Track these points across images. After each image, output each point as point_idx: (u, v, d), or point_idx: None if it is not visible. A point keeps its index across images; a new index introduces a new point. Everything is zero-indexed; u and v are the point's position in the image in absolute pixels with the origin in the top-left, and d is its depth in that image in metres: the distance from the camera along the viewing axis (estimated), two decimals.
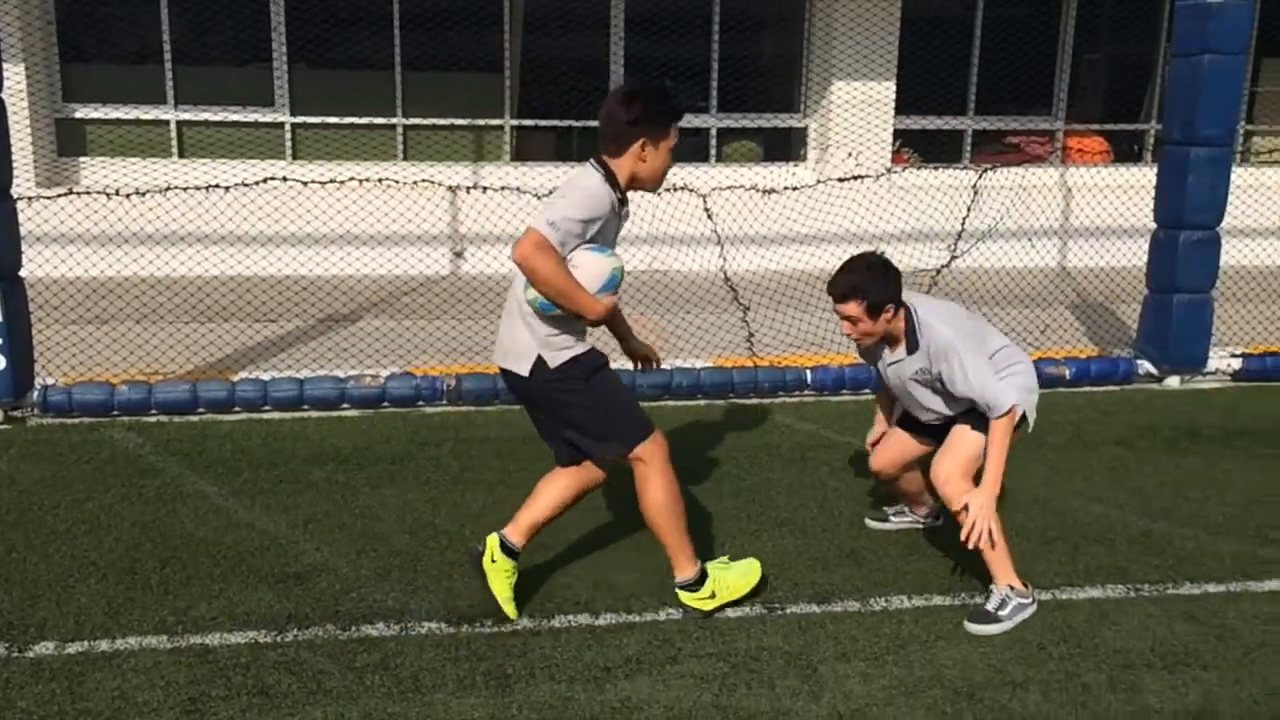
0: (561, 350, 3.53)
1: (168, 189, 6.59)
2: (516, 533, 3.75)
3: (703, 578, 3.76)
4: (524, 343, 3.53)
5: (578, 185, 3.46)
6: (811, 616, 3.79)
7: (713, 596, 3.76)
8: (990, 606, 3.74)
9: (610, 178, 3.51)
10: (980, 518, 3.63)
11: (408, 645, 3.54)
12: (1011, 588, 3.75)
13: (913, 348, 3.83)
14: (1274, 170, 11.10)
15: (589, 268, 3.40)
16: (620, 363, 4.15)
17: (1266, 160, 11.23)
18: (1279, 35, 11.40)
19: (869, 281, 3.73)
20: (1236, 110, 6.56)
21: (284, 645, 3.52)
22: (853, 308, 3.76)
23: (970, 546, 3.67)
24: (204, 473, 5.05)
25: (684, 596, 3.76)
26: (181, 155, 9.95)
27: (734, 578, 3.82)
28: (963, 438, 3.85)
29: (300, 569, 4.07)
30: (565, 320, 3.50)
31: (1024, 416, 3.83)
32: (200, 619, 3.67)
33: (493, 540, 3.70)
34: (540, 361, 3.51)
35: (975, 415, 3.80)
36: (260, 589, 3.90)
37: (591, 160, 3.56)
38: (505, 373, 3.65)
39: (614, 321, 3.95)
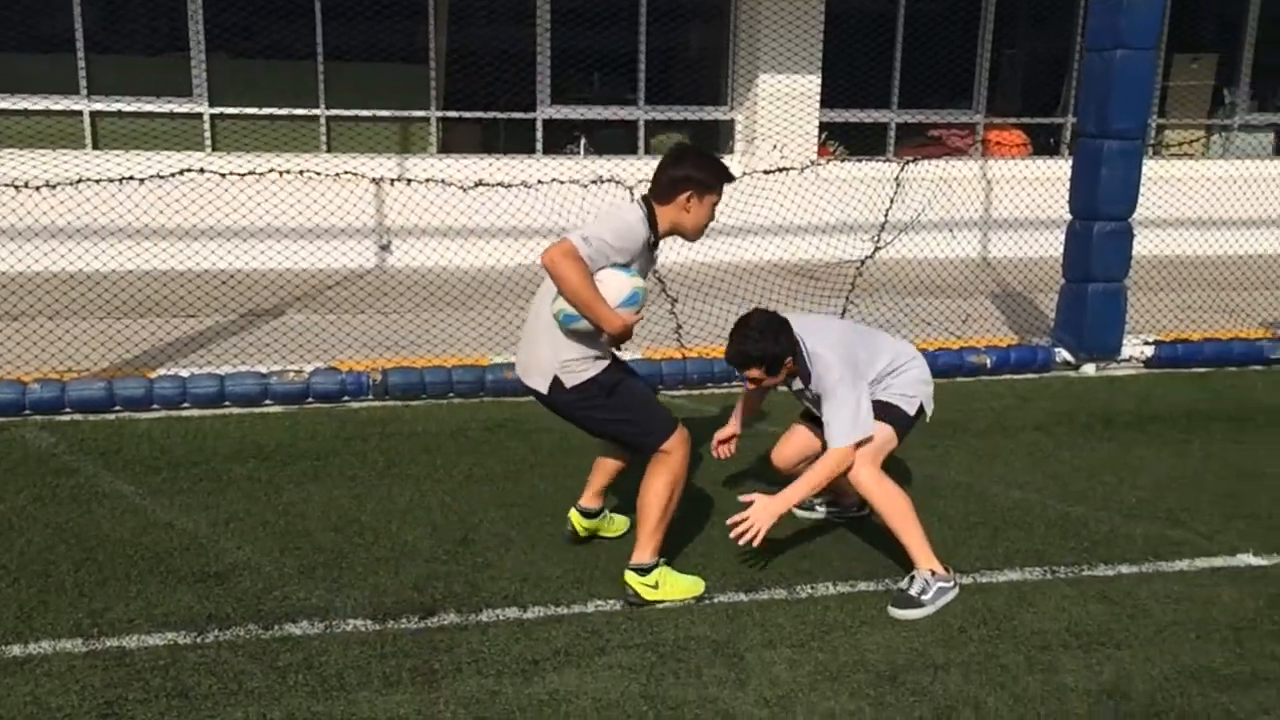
0: (579, 373, 3.69)
1: (80, 181, 6.40)
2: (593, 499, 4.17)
3: (654, 568, 3.84)
4: (544, 361, 3.70)
5: (619, 214, 3.67)
6: (739, 605, 3.82)
7: (655, 587, 3.82)
8: (913, 591, 3.81)
9: (651, 218, 3.73)
10: (756, 518, 3.74)
11: (332, 643, 3.50)
12: (933, 572, 3.84)
13: (806, 378, 4.06)
14: (1184, 162, 11.44)
15: (612, 283, 3.57)
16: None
17: (1177, 153, 11.57)
18: (1189, 31, 11.74)
19: (763, 348, 3.94)
20: (1148, 104, 6.75)
21: (204, 646, 3.45)
22: (755, 373, 4.00)
23: (738, 541, 3.76)
24: (121, 472, 4.92)
25: (631, 577, 3.82)
26: (95, 147, 9.67)
27: (680, 582, 3.89)
28: None
29: (221, 568, 3.99)
30: (586, 338, 3.66)
31: (921, 407, 4.17)
32: (117, 621, 3.59)
33: (575, 517, 4.15)
34: (557, 382, 3.69)
35: (878, 407, 4.01)
36: (179, 589, 3.82)
37: (640, 198, 3.80)
38: (524, 385, 3.86)
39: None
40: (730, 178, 3.83)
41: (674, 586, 3.86)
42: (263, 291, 8.07)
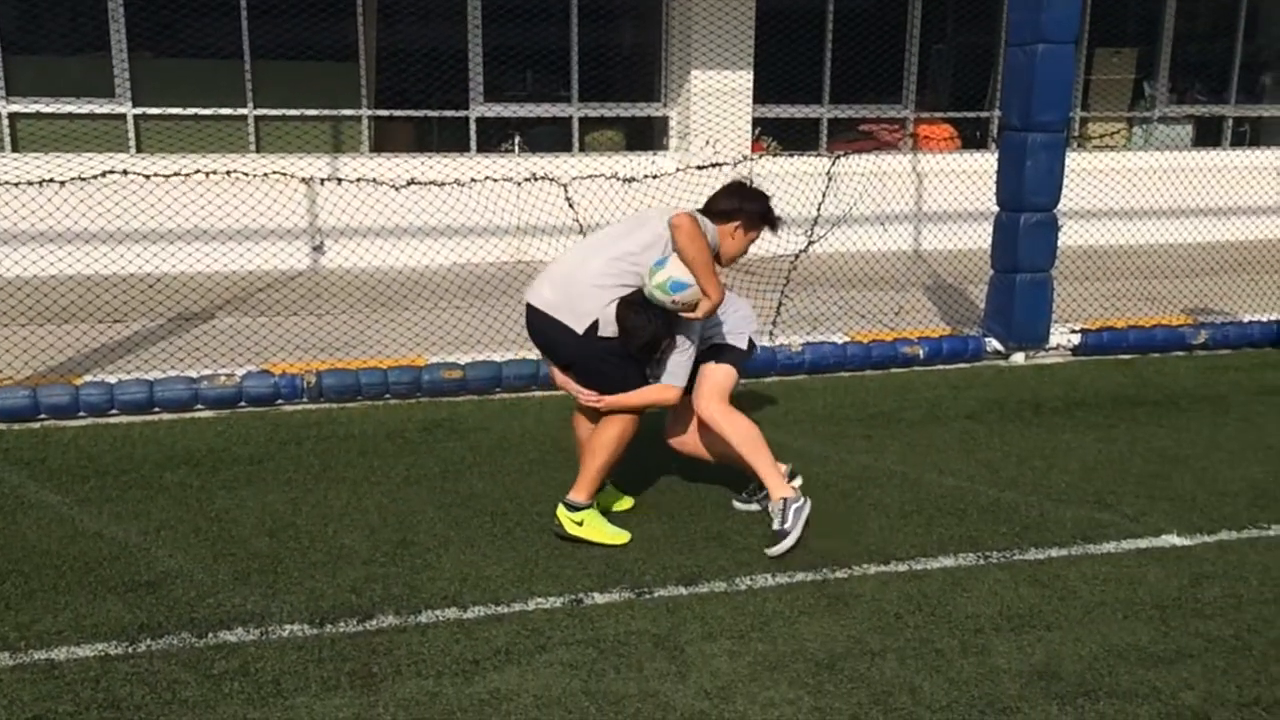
0: (610, 325, 4.08)
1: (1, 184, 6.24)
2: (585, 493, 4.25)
3: (585, 509, 4.19)
4: (588, 306, 4.05)
5: (705, 220, 4.19)
6: (679, 599, 3.84)
7: (580, 525, 4.17)
8: (776, 526, 4.16)
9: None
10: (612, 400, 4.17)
11: (268, 649, 3.45)
12: (785, 498, 4.19)
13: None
14: (1107, 155, 11.72)
15: (681, 266, 4.02)
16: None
17: (1100, 145, 11.85)
18: (1110, 26, 12.03)
19: None
20: (1069, 97, 6.89)
21: (136, 656, 3.39)
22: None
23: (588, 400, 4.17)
24: (46, 481, 4.81)
25: (561, 512, 4.19)
26: (15, 149, 9.43)
27: (604, 527, 4.22)
28: (706, 373, 4.39)
29: (152, 577, 3.92)
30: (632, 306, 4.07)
31: (751, 341, 4.55)
32: (45, 633, 3.50)
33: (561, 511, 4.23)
34: (594, 326, 4.06)
35: (713, 351, 4.41)
36: (109, 599, 3.74)
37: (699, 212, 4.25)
38: (543, 320, 4.11)
39: None
40: (773, 222, 4.37)
41: (598, 531, 4.19)
42: (192, 295, 7.92)
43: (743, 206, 4.28)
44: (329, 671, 3.33)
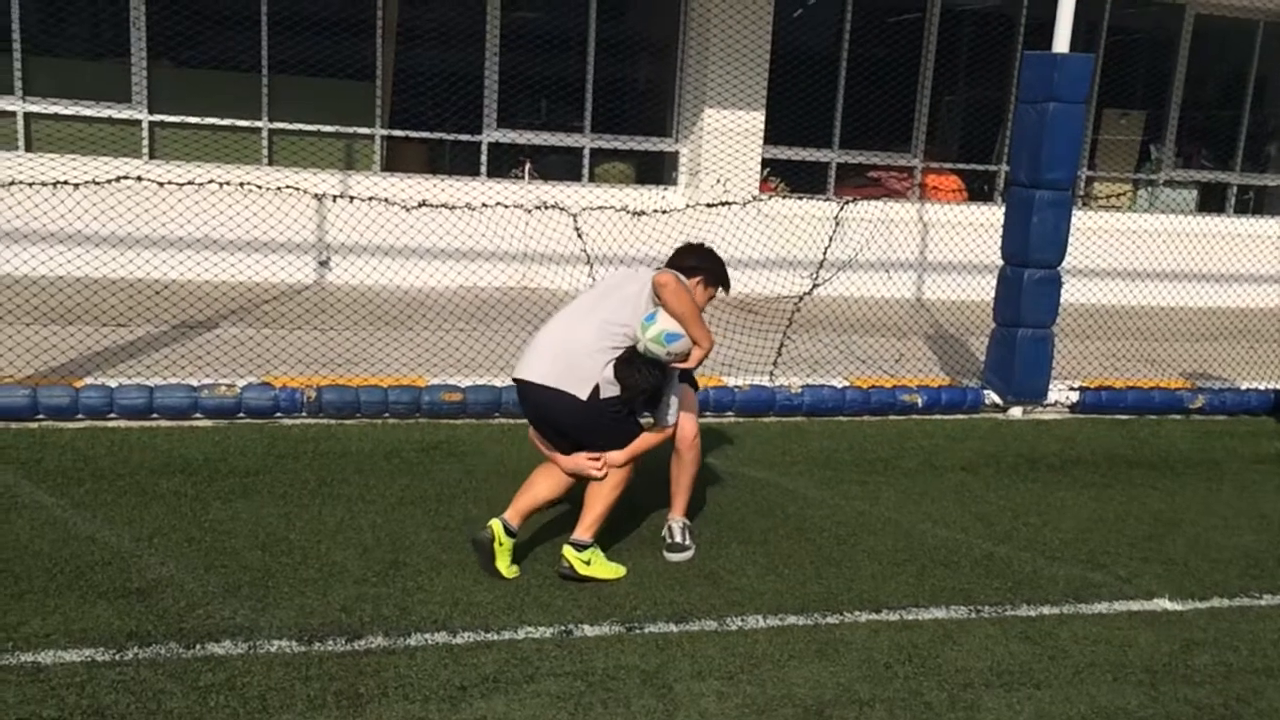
0: (610, 386, 4.20)
1: (12, 184, 6.25)
2: (516, 516, 4.27)
3: (590, 548, 4.26)
4: (588, 371, 4.17)
5: (679, 276, 4.35)
6: (669, 636, 3.84)
7: (588, 564, 4.23)
8: (679, 539, 4.53)
9: None
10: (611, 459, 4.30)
11: (256, 664, 3.44)
12: (688, 517, 4.65)
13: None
14: (1112, 215, 11.80)
15: (669, 318, 4.25)
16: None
17: (1105, 205, 11.93)
18: (1119, 88, 12.15)
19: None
20: (1077, 156, 6.96)
21: (123, 664, 3.37)
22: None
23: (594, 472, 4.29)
24: (42, 482, 4.80)
25: (569, 551, 4.22)
26: (29, 149, 9.45)
27: (606, 565, 4.31)
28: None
29: (143, 584, 3.91)
30: (621, 364, 4.23)
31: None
32: (33, 636, 3.49)
33: (497, 525, 4.19)
34: (597, 390, 4.18)
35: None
36: (99, 605, 3.73)
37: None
38: (544, 394, 4.21)
39: None
40: (727, 286, 4.66)
41: (602, 567, 4.28)
42: (197, 303, 7.93)
43: (703, 265, 4.54)
44: (315, 690, 3.32)
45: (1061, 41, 6.68)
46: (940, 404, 6.94)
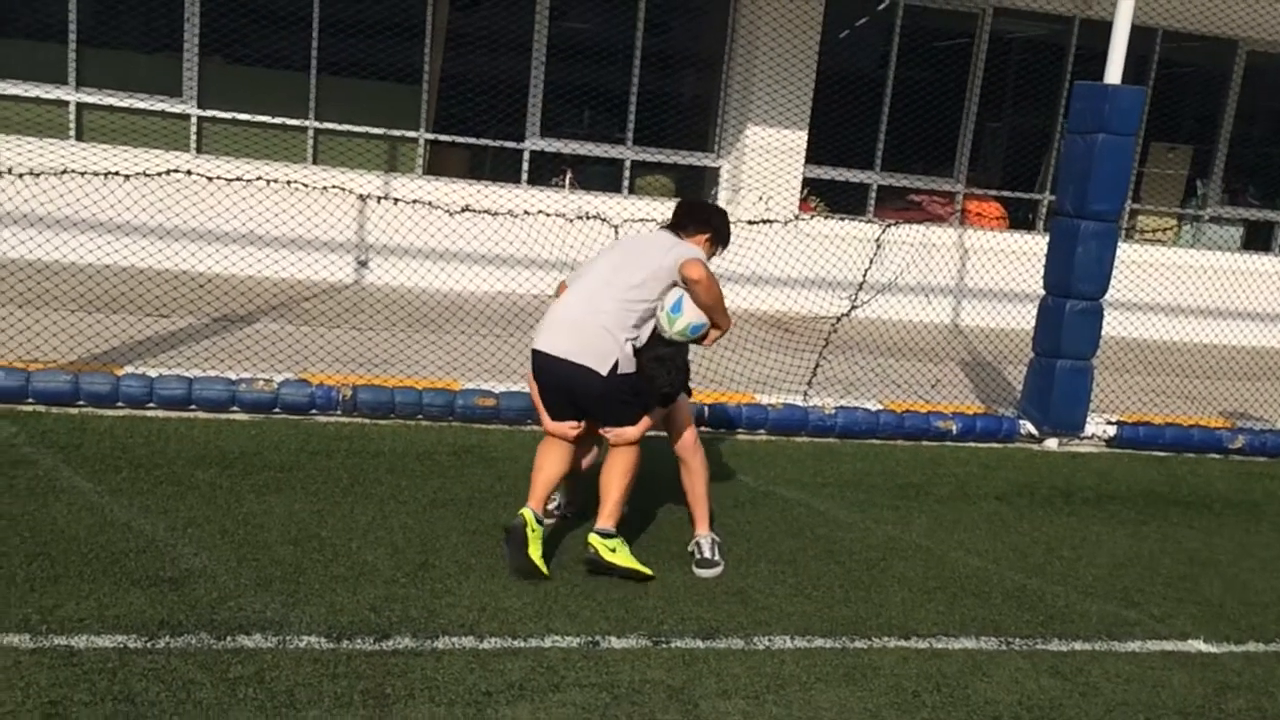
0: (630, 362, 4.30)
1: (65, 172, 6.34)
2: (538, 503, 4.35)
3: (615, 536, 4.32)
4: (608, 348, 4.25)
5: (689, 245, 4.44)
6: (696, 651, 3.82)
7: (614, 551, 4.27)
8: (708, 555, 4.51)
9: None
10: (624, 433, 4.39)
11: (284, 658, 3.45)
12: (714, 533, 4.62)
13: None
14: (1156, 249, 11.68)
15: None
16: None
17: (1149, 239, 11.82)
18: (1168, 121, 12.04)
19: None
20: (1125, 188, 6.90)
21: (154, 652, 3.40)
22: None
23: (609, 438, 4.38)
24: (80, 468, 4.85)
25: (595, 539, 4.27)
26: (79, 138, 9.60)
27: (631, 558, 4.33)
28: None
29: (176, 574, 3.94)
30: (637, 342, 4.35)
31: None
32: (67, 619, 3.52)
33: (528, 513, 4.27)
34: (617, 365, 4.26)
35: None
36: (133, 592, 3.76)
37: (671, 232, 4.54)
38: (565, 367, 4.27)
39: None
40: (726, 243, 4.67)
41: (628, 559, 4.30)
42: (239, 298, 8.01)
43: (714, 224, 4.59)
44: (343, 688, 3.33)
45: (1114, 73, 6.64)
46: (975, 432, 6.88)
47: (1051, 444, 7.01)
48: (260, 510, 4.62)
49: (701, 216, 4.62)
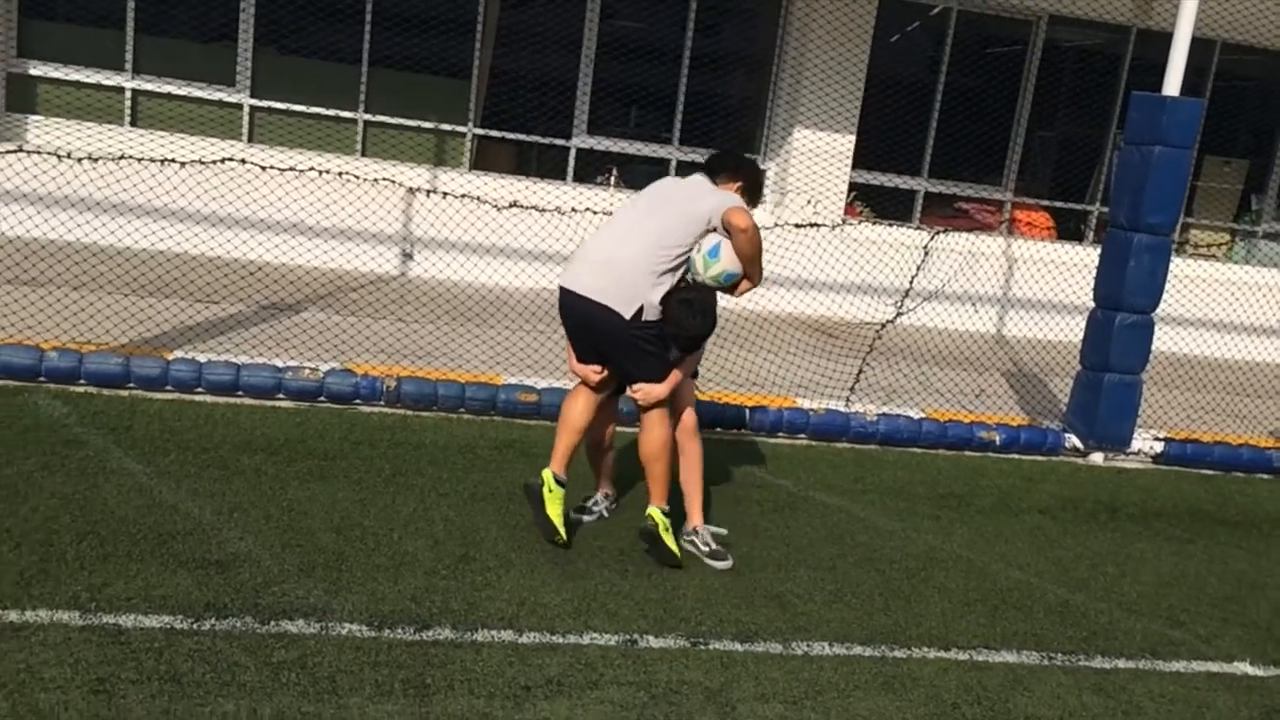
0: (655, 310, 4.28)
1: (122, 157, 6.44)
2: (560, 463, 4.45)
3: (669, 515, 4.43)
4: (635, 291, 4.23)
5: (730, 193, 4.42)
6: (734, 654, 3.81)
7: (667, 530, 4.40)
8: (715, 546, 4.53)
9: None
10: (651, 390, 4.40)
11: (327, 645, 3.48)
12: (704, 524, 4.62)
13: None
14: (1208, 264, 11.51)
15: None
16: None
17: (1201, 253, 11.64)
18: (1223, 135, 11.86)
19: None
20: (1181, 201, 6.80)
21: (200, 633, 3.44)
22: None
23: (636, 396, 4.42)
24: (130, 449, 4.92)
25: (657, 514, 4.39)
26: (134, 124, 9.74)
27: (675, 543, 4.44)
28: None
29: (222, 557, 3.98)
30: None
31: None
32: (115, 598, 3.57)
33: (547, 473, 4.41)
34: (640, 311, 4.24)
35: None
36: (179, 573, 3.81)
37: (705, 176, 4.51)
38: (589, 306, 4.27)
39: None
40: (759, 198, 4.63)
41: (674, 543, 4.41)
42: (287, 286, 8.09)
43: (749, 177, 4.55)
44: (384, 676, 3.35)
45: (1172, 84, 6.54)
46: (1019, 443, 6.81)
47: (1097, 458, 6.92)
48: (304, 497, 4.67)
49: (733, 166, 4.57)
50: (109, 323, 6.49)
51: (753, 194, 4.55)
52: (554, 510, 4.37)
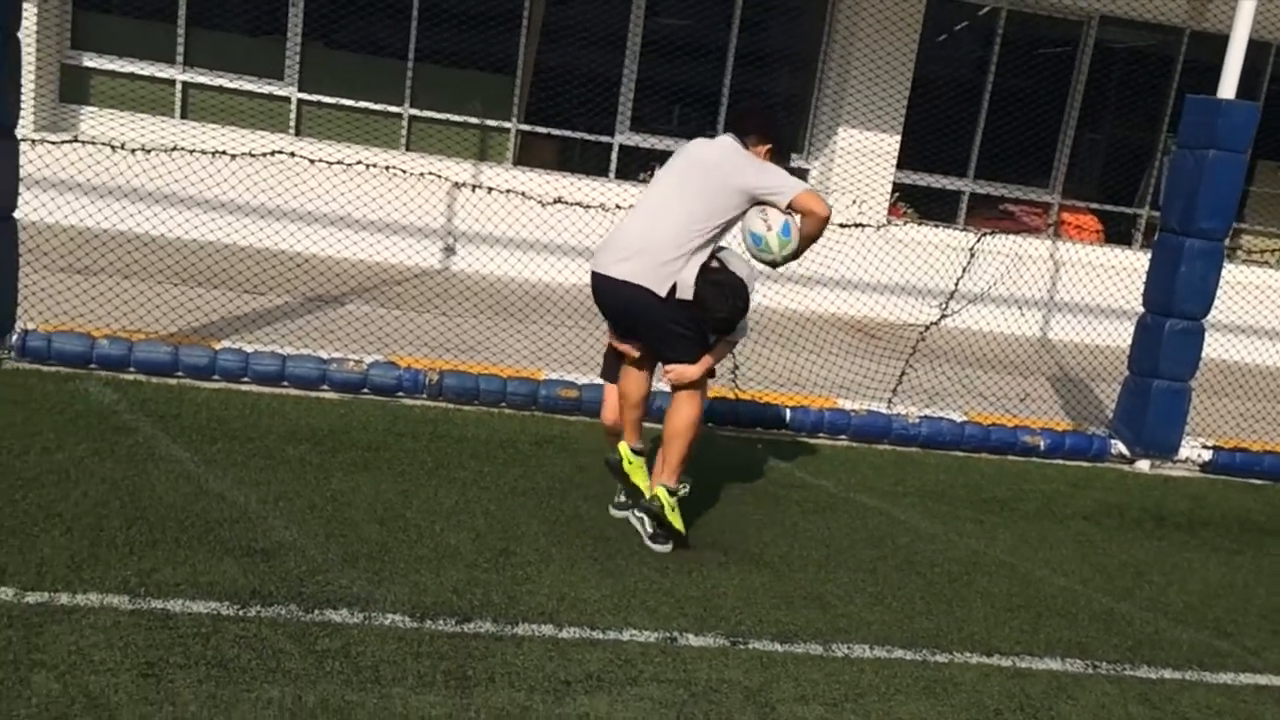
0: (689, 289, 4.29)
1: (175, 149, 6.53)
2: (634, 437, 4.58)
3: (676, 494, 4.47)
4: (669, 271, 4.25)
5: (770, 165, 4.39)
6: (773, 655, 3.80)
7: (674, 510, 4.42)
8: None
9: None
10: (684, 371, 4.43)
11: (370, 635, 3.51)
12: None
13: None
14: (1260, 270, 11.31)
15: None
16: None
17: (1255, 260, 11.43)
18: (1277, 139, 11.63)
19: None
20: (1234, 206, 6.68)
21: (246, 620, 3.48)
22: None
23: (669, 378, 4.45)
24: (178, 437, 4.99)
25: (663, 492, 4.41)
26: (183, 116, 9.87)
27: (681, 521, 4.48)
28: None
29: (268, 545, 4.03)
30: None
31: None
32: (164, 584, 3.62)
33: (623, 447, 4.56)
34: (674, 289, 4.27)
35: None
36: (226, 560, 3.85)
37: (735, 137, 4.46)
38: (623, 288, 4.30)
39: None
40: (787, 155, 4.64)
41: (679, 521, 4.44)
42: (332, 278, 8.17)
43: (770, 133, 4.47)
44: (426, 667, 3.38)
45: (1228, 87, 6.43)
46: (1063, 449, 6.73)
47: (1143, 465, 6.83)
48: (348, 488, 4.71)
49: (762, 126, 4.49)
50: (158, 312, 6.58)
51: (783, 154, 4.52)
52: (639, 478, 4.53)
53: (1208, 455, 6.91)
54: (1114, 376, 7.27)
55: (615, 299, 4.38)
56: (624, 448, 4.57)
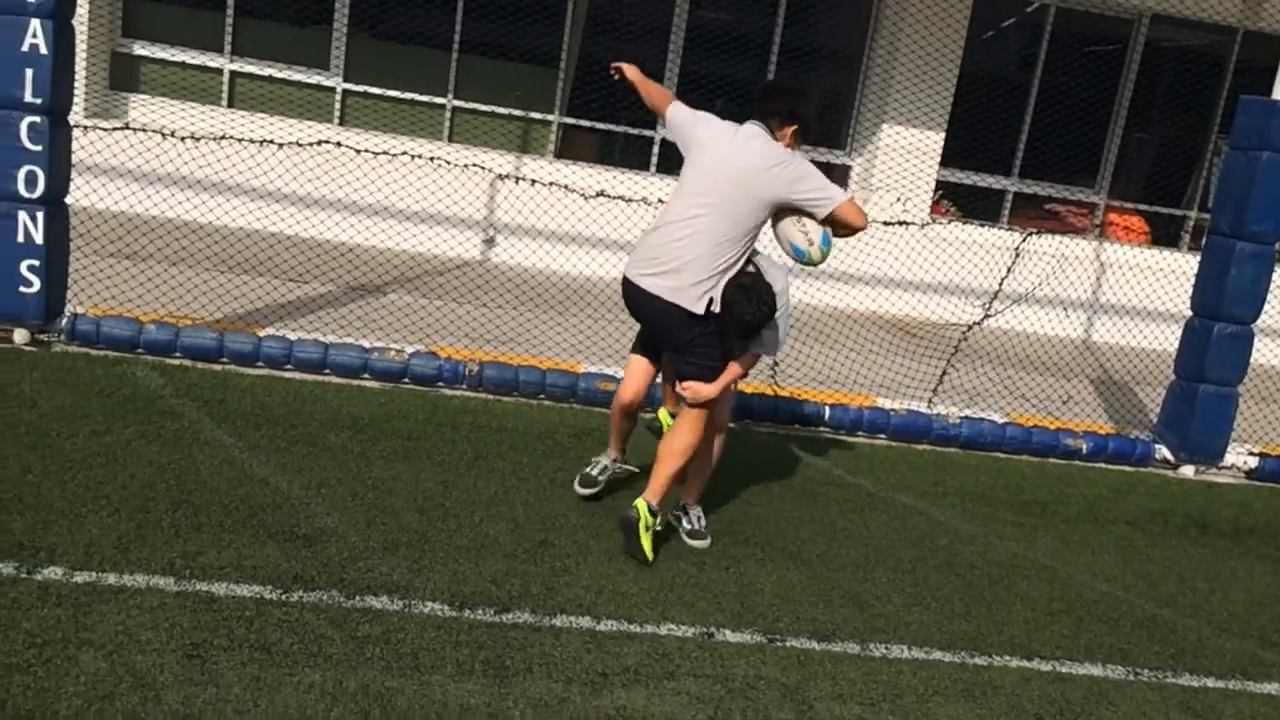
0: (715, 306, 4.28)
1: (224, 138, 6.60)
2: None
3: (657, 515, 4.34)
4: (703, 291, 4.25)
5: (807, 164, 4.30)
6: (811, 653, 3.79)
7: (648, 530, 4.26)
8: (701, 526, 4.55)
9: None
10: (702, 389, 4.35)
11: (410, 622, 3.54)
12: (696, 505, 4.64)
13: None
14: None
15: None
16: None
17: None
18: None
19: None
20: None
21: (288, 604, 3.52)
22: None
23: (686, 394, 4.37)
24: (222, 422, 5.05)
25: (644, 508, 4.25)
26: (230, 105, 9.97)
27: (650, 544, 4.29)
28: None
29: (310, 531, 4.07)
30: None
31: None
32: (208, 566, 3.67)
33: (663, 414, 4.92)
34: (710, 305, 4.27)
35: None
36: (269, 545, 3.90)
37: (759, 125, 4.38)
38: (656, 303, 4.30)
39: None
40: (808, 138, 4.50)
41: (650, 543, 4.28)
42: (375, 268, 8.23)
43: (797, 113, 4.36)
44: (465, 655, 3.40)
45: None
46: (1106, 453, 6.65)
47: (1187, 471, 6.73)
48: (389, 476, 4.75)
49: (787, 106, 4.37)
50: (204, 298, 6.66)
51: (809, 135, 4.44)
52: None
53: (1254, 462, 6.80)
54: (1158, 380, 7.18)
55: (648, 309, 4.38)
56: (663, 414, 4.79)
